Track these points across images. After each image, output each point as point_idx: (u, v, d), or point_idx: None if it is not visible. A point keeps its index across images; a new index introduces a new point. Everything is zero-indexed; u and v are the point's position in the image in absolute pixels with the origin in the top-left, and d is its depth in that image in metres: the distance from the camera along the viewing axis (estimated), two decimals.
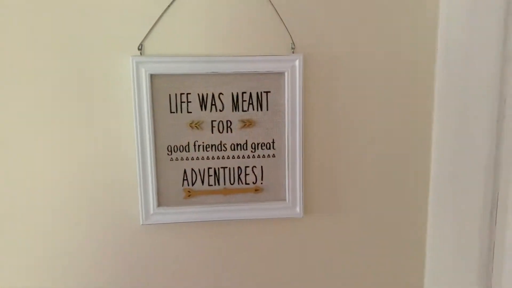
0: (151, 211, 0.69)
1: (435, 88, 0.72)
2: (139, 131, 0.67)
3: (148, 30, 0.66)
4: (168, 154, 0.69)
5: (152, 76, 0.66)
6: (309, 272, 0.76)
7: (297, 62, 0.69)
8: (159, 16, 0.66)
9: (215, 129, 0.70)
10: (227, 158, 0.71)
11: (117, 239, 0.70)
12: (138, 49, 0.66)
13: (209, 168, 0.71)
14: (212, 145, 0.70)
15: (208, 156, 0.70)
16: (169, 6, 0.66)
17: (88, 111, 0.67)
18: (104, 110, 0.67)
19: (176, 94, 0.68)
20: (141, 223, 0.69)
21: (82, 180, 0.69)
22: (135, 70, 0.66)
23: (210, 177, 0.71)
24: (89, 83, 0.67)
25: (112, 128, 0.68)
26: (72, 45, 0.65)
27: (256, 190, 0.72)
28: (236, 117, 0.70)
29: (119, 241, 0.70)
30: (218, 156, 0.70)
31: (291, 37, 0.69)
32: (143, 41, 0.66)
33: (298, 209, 0.72)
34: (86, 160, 0.68)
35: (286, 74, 0.69)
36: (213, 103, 0.69)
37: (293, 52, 0.69)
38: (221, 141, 0.70)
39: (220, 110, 0.69)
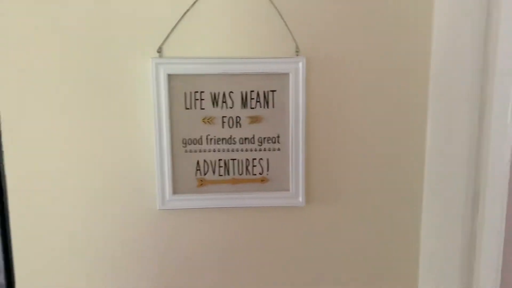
0: (167, 198, 0.77)
1: (429, 89, 0.78)
2: (158, 125, 0.75)
3: (166, 35, 0.74)
4: (183, 146, 0.77)
5: (169, 76, 0.74)
6: (309, 257, 0.83)
7: (300, 64, 0.75)
8: (176, 22, 0.74)
9: (226, 124, 0.77)
10: (236, 151, 0.78)
11: (137, 222, 0.78)
12: (158, 51, 0.74)
13: (219, 160, 0.78)
14: (222, 139, 0.77)
15: (219, 149, 0.77)
16: (185, 13, 0.74)
17: (112, 107, 0.75)
18: (127, 106, 0.75)
19: (190, 92, 0.75)
20: (158, 208, 0.77)
21: (107, 169, 0.76)
22: (154, 70, 0.73)
23: (220, 168, 0.78)
24: (114, 82, 0.74)
25: (133, 122, 0.76)
26: (100, 48, 0.73)
27: (262, 180, 0.79)
28: (244, 113, 0.77)
29: (139, 224, 0.78)
30: (228, 149, 0.78)
31: (295, 41, 0.76)
32: (162, 44, 0.74)
33: (300, 198, 0.79)
34: (110, 151, 0.76)
35: (290, 75, 0.76)
36: (224, 100, 0.76)
37: (297, 55, 0.76)
38: (231, 135, 0.77)
39: (230, 107, 0.76)
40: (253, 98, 0.77)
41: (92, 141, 0.76)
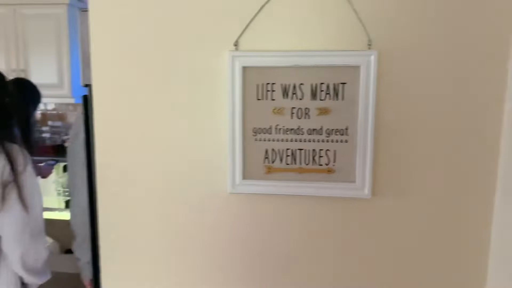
0: (237, 182, 0.82)
1: (508, 84, 0.74)
2: (231, 114, 0.80)
3: (242, 30, 0.78)
4: (253, 135, 0.81)
5: (244, 68, 0.79)
6: (372, 249, 0.83)
7: (372, 57, 0.76)
8: (251, 18, 0.78)
9: (295, 115, 0.80)
10: (304, 141, 0.80)
11: (210, 204, 0.84)
12: (234, 45, 0.79)
13: (287, 149, 0.81)
14: (291, 129, 0.80)
15: (287, 139, 0.81)
16: (259, 10, 0.78)
17: (191, 97, 0.82)
18: (204, 95, 0.81)
19: (262, 84, 0.79)
20: (228, 192, 0.82)
21: (185, 155, 0.83)
22: (231, 63, 0.78)
23: (288, 157, 0.81)
24: (193, 73, 0.81)
25: (208, 111, 0.82)
26: (184, 43, 0.80)
27: (329, 171, 0.80)
28: (314, 105, 0.79)
29: (211, 206, 0.84)
30: (296, 139, 0.80)
31: (367, 34, 0.76)
32: (238, 38, 0.79)
33: (366, 190, 0.79)
34: (188, 138, 0.83)
35: (361, 67, 0.76)
36: (294, 92, 0.79)
37: (369, 48, 0.76)
38: (299, 126, 0.80)
39: (300, 99, 0.79)
40: (322, 90, 0.79)
41: (173, 128, 0.83)
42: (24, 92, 1.54)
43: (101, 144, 0.84)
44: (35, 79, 1.62)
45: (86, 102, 0.83)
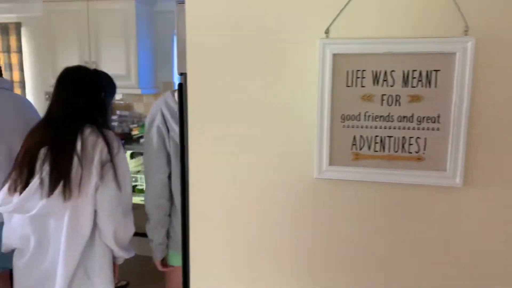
0: (324, 168, 0.84)
1: None
2: (320, 101, 0.81)
3: (333, 18, 0.80)
4: (341, 121, 0.82)
5: (334, 55, 0.80)
6: (461, 240, 0.81)
7: (469, 44, 0.74)
8: (342, 7, 0.79)
9: (385, 102, 0.80)
10: (393, 128, 0.80)
11: (296, 188, 0.87)
12: (325, 33, 0.81)
13: (376, 136, 0.81)
14: (380, 116, 0.80)
15: (376, 126, 0.81)
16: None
17: (282, 82, 0.84)
18: (294, 82, 0.84)
19: (352, 71, 0.80)
20: (314, 177, 0.84)
21: (274, 139, 0.86)
22: (321, 50, 0.80)
23: (376, 144, 0.82)
24: (285, 61, 0.83)
25: (297, 96, 0.84)
26: (279, 31, 0.83)
27: (418, 158, 0.80)
28: (404, 92, 0.79)
29: (297, 190, 0.87)
30: (385, 126, 0.81)
31: (464, 20, 0.74)
32: (329, 26, 0.80)
33: (458, 179, 0.78)
34: (277, 123, 0.86)
35: (457, 54, 0.75)
36: (385, 79, 0.79)
37: (466, 34, 0.75)
38: (389, 113, 0.80)
39: (391, 86, 0.79)
40: (414, 77, 0.78)
41: (264, 111, 0.86)
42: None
43: (193, 129, 0.90)
44: (105, 70, 1.77)
45: (181, 89, 0.88)
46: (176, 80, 3.59)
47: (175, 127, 1.60)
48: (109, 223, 1.47)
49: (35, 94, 3.73)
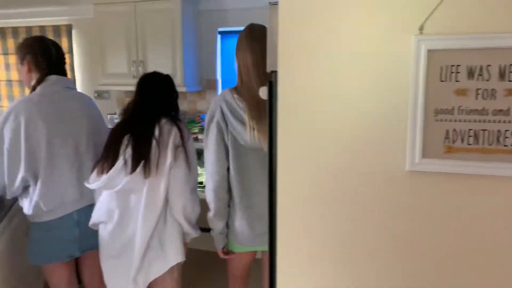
0: (416, 161, 0.86)
1: None
2: (413, 95, 0.84)
3: (428, 14, 0.82)
4: (434, 115, 0.85)
5: (429, 51, 0.82)
6: None
7: None
8: (436, 4, 0.81)
9: (479, 96, 0.82)
10: (488, 122, 0.82)
11: (387, 180, 0.90)
12: (419, 29, 0.83)
13: (469, 130, 0.83)
14: (475, 110, 0.82)
15: (469, 119, 0.83)
16: None
17: (376, 75, 0.87)
18: (387, 75, 0.86)
19: (447, 66, 0.82)
20: (406, 169, 0.87)
21: (366, 131, 0.90)
22: (416, 46, 0.82)
23: (470, 137, 0.83)
24: (377, 57, 0.86)
25: (390, 89, 0.87)
26: (371, 28, 0.86)
27: None
28: (501, 86, 0.80)
29: (389, 181, 0.90)
30: (479, 120, 0.82)
31: None
32: (423, 23, 0.83)
33: None
34: (371, 115, 0.89)
35: None
36: (480, 73, 0.81)
37: None
38: (483, 107, 0.82)
39: (487, 80, 0.81)
40: (511, 72, 0.79)
41: (355, 106, 0.90)
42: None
43: (283, 125, 0.94)
44: (152, 69, 1.96)
45: (271, 86, 0.93)
46: (219, 77, 3.66)
47: (233, 122, 1.66)
48: (179, 199, 1.73)
49: (86, 92, 3.88)
